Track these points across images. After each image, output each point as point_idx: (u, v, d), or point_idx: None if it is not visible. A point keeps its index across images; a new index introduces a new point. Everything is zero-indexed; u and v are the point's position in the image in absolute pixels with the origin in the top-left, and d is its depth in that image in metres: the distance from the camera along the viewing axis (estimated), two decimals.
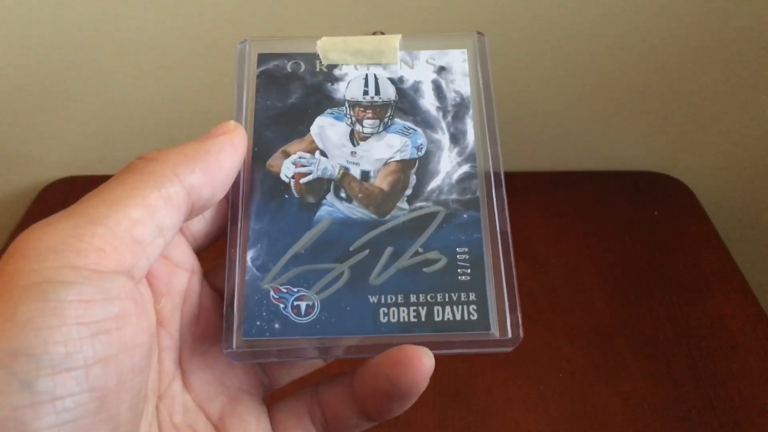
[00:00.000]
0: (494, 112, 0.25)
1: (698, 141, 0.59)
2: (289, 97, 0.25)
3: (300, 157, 0.24)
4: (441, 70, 0.26)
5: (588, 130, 0.59)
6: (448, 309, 0.22)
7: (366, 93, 0.25)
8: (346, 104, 0.25)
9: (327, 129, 0.25)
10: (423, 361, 0.20)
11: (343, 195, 0.24)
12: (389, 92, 0.25)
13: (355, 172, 0.24)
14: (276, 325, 0.22)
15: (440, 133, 0.25)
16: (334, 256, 0.23)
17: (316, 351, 0.22)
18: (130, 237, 0.18)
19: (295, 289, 0.22)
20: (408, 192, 0.24)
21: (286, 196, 0.24)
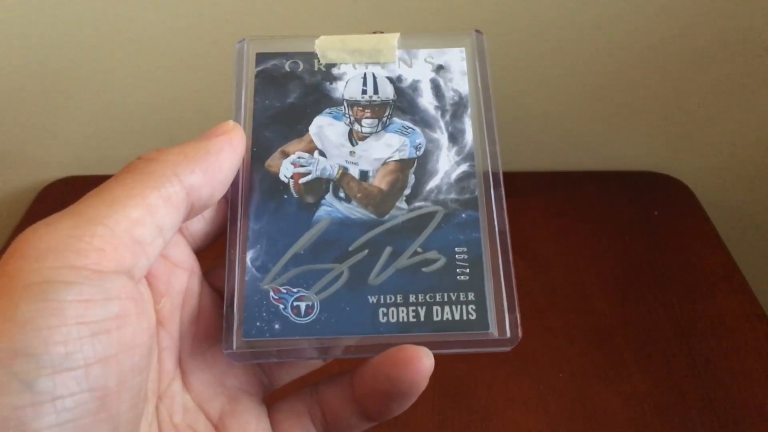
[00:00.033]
0: (493, 111, 0.25)
1: (698, 141, 0.59)
2: (288, 97, 0.25)
3: (299, 157, 0.24)
4: (439, 68, 0.26)
5: (588, 130, 0.59)
6: (447, 309, 0.22)
7: (364, 92, 0.25)
8: (345, 104, 0.25)
9: (326, 129, 0.25)
10: (423, 361, 0.20)
11: (342, 195, 0.24)
12: (387, 91, 0.25)
13: (354, 171, 0.24)
14: (276, 326, 0.22)
15: (439, 133, 0.25)
16: (333, 257, 0.23)
17: (316, 351, 0.22)
18: (130, 237, 0.18)
19: (295, 290, 0.22)
20: (407, 192, 0.24)
21: (285, 196, 0.24)
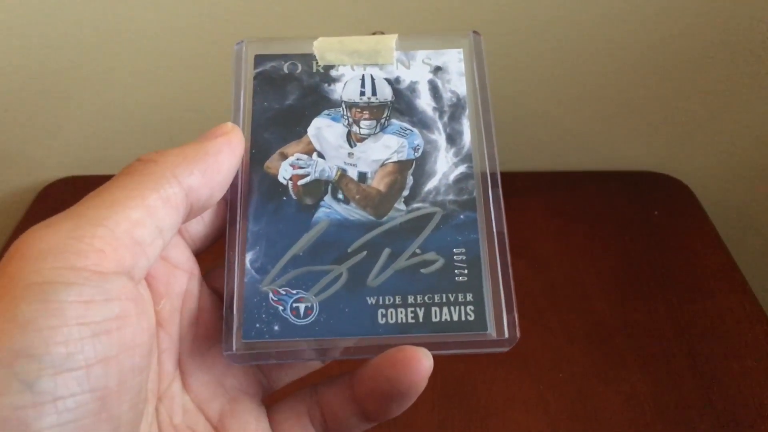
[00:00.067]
0: (490, 112, 0.25)
1: (698, 141, 0.59)
2: (286, 99, 0.25)
3: (297, 159, 0.24)
4: (437, 70, 0.26)
5: (588, 130, 0.59)
6: (445, 310, 0.22)
7: (362, 94, 0.25)
8: (343, 105, 0.25)
9: (324, 130, 0.25)
10: (422, 362, 0.20)
11: (340, 196, 0.24)
12: (386, 93, 0.25)
13: (353, 173, 0.24)
14: (275, 327, 0.22)
15: (437, 134, 0.25)
16: (332, 258, 0.23)
17: (315, 352, 0.22)
18: (130, 238, 0.18)
19: (294, 291, 0.22)
20: (405, 193, 0.24)
21: (284, 198, 0.24)
